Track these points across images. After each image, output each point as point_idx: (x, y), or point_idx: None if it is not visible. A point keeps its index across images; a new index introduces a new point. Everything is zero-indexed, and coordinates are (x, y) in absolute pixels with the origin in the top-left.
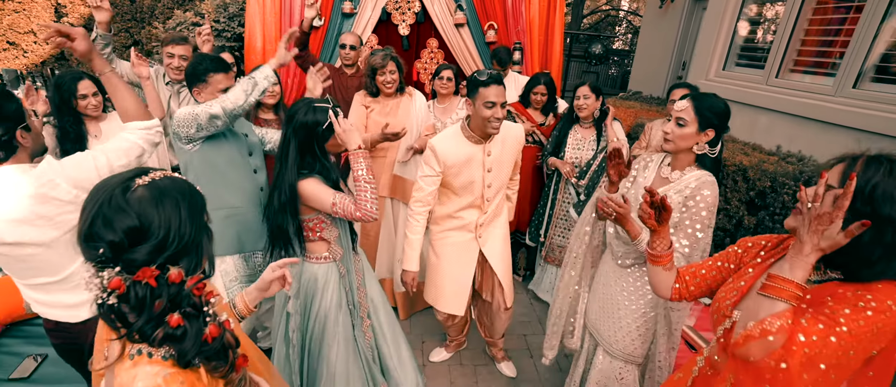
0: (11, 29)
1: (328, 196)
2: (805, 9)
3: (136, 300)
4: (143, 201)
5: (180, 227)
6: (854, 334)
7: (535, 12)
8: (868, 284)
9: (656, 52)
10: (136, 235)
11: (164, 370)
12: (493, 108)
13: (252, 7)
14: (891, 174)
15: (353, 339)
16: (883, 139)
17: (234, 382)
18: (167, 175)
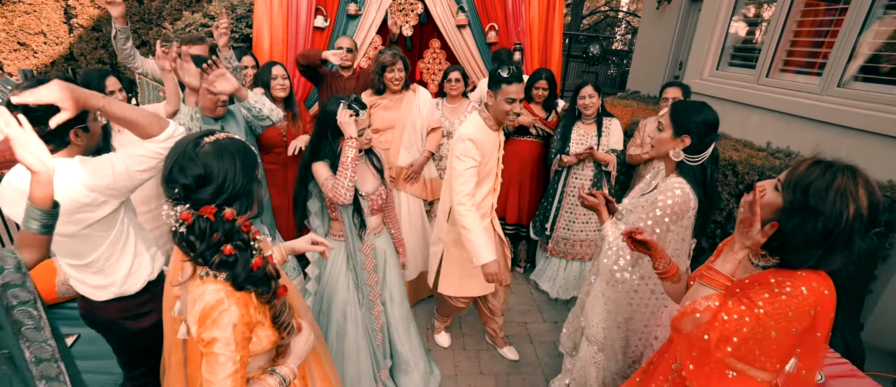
0: (22, 30)
1: (325, 176)
2: (793, 11)
3: (199, 230)
4: (208, 155)
5: (235, 176)
6: (770, 315)
7: (534, 13)
8: (793, 272)
9: (654, 52)
10: (202, 181)
11: (225, 288)
12: (513, 103)
13: (260, 9)
14: (823, 175)
15: (359, 315)
16: (865, 135)
17: (276, 308)
18: (228, 136)
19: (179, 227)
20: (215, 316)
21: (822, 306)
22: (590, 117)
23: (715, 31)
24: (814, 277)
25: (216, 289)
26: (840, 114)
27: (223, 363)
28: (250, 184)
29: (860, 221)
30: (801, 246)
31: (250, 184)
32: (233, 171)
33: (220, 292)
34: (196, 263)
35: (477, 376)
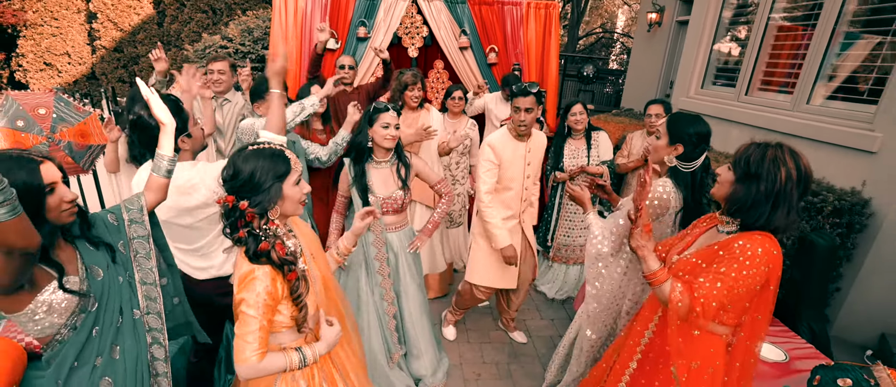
0: (49, 51)
1: None
2: (768, 35)
3: (224, 211)
4: (240, 157)
5: (253, 176)
6: (737, 279)
7: (531, 36)
8: (751, 235)
9: (646, 71)
10: (232, 176)
11: None
12: (519, 112)
13: (275, 31)
14: (758, 150)
15: (372, 302)
16: (831, 147)
17: (291, 283)
18: (268, 146)
19: (222, 208)
20: (247, 282)
21: (774, 262)
22: (579, 133)
23: (699, 54)
24: (766, 239)
25: (246, 260)
26: (809, 128)
27: (249, 322)
28: (267, 185)
29: (791, 182)
30: (752, 206)
31: (267, 185)
32: (255, 171)
33: (248, 263)
34: (224, 234)
35: (480, 365)
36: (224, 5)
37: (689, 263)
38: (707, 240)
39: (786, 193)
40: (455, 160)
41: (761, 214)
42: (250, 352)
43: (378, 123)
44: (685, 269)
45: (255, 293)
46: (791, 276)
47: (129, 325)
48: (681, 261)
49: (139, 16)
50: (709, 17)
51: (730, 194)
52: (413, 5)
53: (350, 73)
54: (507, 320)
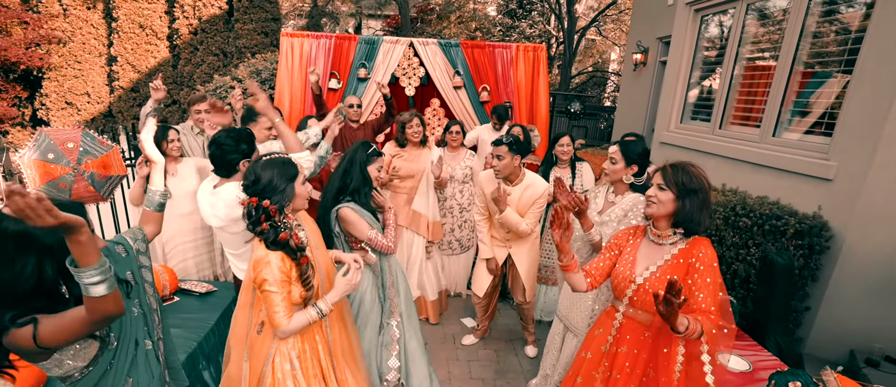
0: (70, 91)
1: (366, 229)
2: (736, 74)
3: (248, 211)
4: (259, 166)
5: (272, 179)
6: (714, 281)
7: (521, 76)
8: (700, 240)
9: (633, 107)
10: (254, 181)
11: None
12: (493, 159)
13: (282, 73)
14: (684, 170)
15: (379, 327)
16: (795, 175)
17: (302, 268)
18: (279, 155)
19: (245, 208)
20: (263, 265)
21: (715, 256)
22: (565, 162)
23: (676, 92)
24: (706, 241)
25: (262, 247)
26: (775, 158)
27: (274, 297)
28: (284, 184)
29: (709, 187)
30: (696, 214)
31: (284, 184)
32: (273, 177)
33: (264, 250)
34: (249, 230)
35: (468, 380)
36: (235, 49)
37: (664, 280)
38: (653, 253)
39: (709, 197)
40: (459, 189)
41: (702, 220)
42: (281, 318)
43: (374, 165)
44: (663, 286)
45: (273, 272)
46: (757, 294)
47: (142, 356)
48: (652, 280)
49: (156, 59)
50: (684, 59)
51: (676, 211)
52: (410, 48)
53: (357, 111)
54: (527, 335)
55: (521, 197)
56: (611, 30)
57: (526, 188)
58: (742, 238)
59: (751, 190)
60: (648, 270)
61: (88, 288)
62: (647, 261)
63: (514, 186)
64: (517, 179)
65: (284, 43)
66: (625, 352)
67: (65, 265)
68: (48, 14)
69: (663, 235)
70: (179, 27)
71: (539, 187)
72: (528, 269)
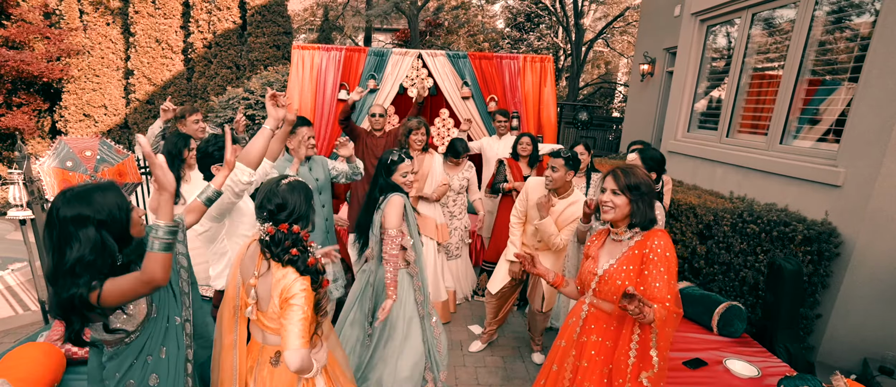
0: (88, 104)
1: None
2: (743, 83)
3: (277, 239)
4: (285, 191)
5: (300, 205)
6: (669, 270)
7: (529, 87)
8: (655, 233)
9: (641, 117)
10: (281, 208)
11: (294, 273)
12: (548, 169)
13: (293, 84)
14: (634, 173)
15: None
16: (802, 182)
17: (320, 294)
18: (296, 179)
19: (264, 236)
20: (293, 285)
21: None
22: (580, 171)
23: (683, 101)
24: (661, 233)
25: (292, 271)
26: (783, 166)
27: (296, 311)
28: (309, 210)
29: (651, 181)
30: (647, 211)
31: (309, 210)
32: (299, 201)
33: (294, 274)
34: (273, 260)
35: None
36: (247, 62)
37: (621, 270)
38: (614, 249)
39: (653, 193)
40: (453, 198)
41: (653, 215)
42: (301, 340)
43: (399, 172)
44: (620, 276)
45: (301, 292)
46: (765, 300)
47: (173, 330)
48: (611, 271)
49: (171, 72)
50: (690, 69)
51: (632, 212)
52: (418, 59)
53: (380, 121)
54: (533, 342)
55: (564, 212)
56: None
57: (570, 204)
58: (750, 245)
59: (759, 197)
60: (608, 263)
61: (154, 242)
62: (609, 256)
63: (560, 199)
64: (565, 193)
65: (296, 55)
66: (593, 341)
67: (120, 237)
68: (69, 28)
69: (620, 232)
70: (194, 41)
71: (581, 207)
72: (545, 283)
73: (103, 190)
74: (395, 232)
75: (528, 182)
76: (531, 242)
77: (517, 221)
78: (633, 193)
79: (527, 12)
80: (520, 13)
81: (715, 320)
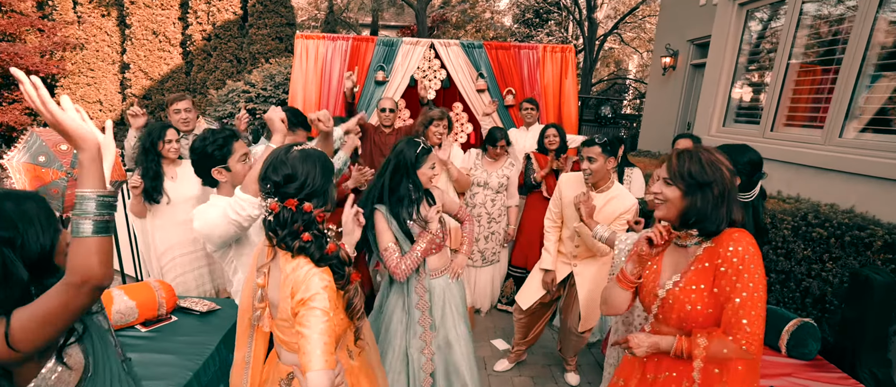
0: (82, 99)
1: (389, 244)
2: (790, 72)
3: (283, 219)
4: (296, 159)
5: (315, 177)
6: (758, 286)
7: (548, 79)
8: (729, 235)
9: (662, 113)
10: (289, 179)
11: (310, 264)
12: (581, 160)
13: (296, 76)
14: (692, 159)
15: (405, 351)
16: (868, 179)
17: (350, 292)
18: (312, 147)
19: (268, 215)
20: (309, 280)
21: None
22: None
23: (718, 93)
24: (744, 234)
25: (306, 261)
26: (844, 161)
27: (318, 317)
28: (327, 185)
29: (733, 175)
30: (712, 210)
31: (327, 185)
32: (314, 172)
33: (310, 265)
34: (279, 247)
35: None
36: (249, 55)
37: (689, 291)
38: (678, 259)
39: (733, 188)
40: (491, 198)
41: (721, 216)
42: (326, 357)
43: (426, 164)
44: (689, 298)
45: (321, 288)
46: (844, 316)
47: (116, 376)
48: (676, 293)
49: (168, 66)
50: (726, 59)
51: (685, 209)
52: (430, 50)
53: (390, 116)
54: (565, 362)
55: (604, 208)
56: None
57: (611, 199)
58: (815, 251)
59: (814, 196)
60: (672, 279)
61: (81, 222)
62: (672, 269)
63: (598, 193)
64: (604, 185)
65: (299, 45)
66: (664, 380)
67: (38, 265)
68: (63, 21)
69: (683, 237)
70: (193, 33)
71: (625, 201)
72: (589, 294)
73: (18, 199)
74: (392, 247)
75: (562, 179)
76: (569, 247)
77: (552, 225)
78: (688, 183)
79: (535, 8)
80: (528, 9)
81: (784, 340)
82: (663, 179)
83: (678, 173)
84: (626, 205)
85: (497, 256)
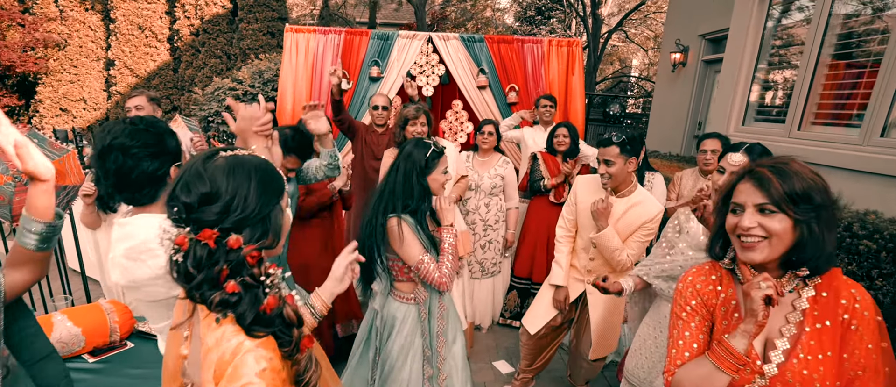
0: (65, 97)
1: (418, 253)
2: (820, 67)
3: (196, 259)
4: (218, 170)
5: (248, 196)
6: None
7: (554, 75)
8: (837, 278)
9: (671, 112)
10: (206, 199)
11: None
12: (599, 163)
13: (285, 72)
14: (801, 175)
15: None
16: None
17: (300, 364)
18: (250, 153)
19: (175, 253)
20: (237, 362)
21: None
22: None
23: (737, 91)
24: (842, 276)
25: (235, 330)
26: (886, 163)
27: None
28: (268, 208)
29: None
30: (829, 242)
31: (268, 208)
32: (245, 189)
33: (241, 334)
34: (192, 299)
35: None
36: (239, 50)
37: (812, 364)
38: (773, 314)
39: (836, 208)
40: (484, 202)
41: (832, 248)
42: None
43: (437, 169)
44: (816, 373)
45: (258, 377)
46: None
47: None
48: (795, 367)
49: (155, 62)
50: (747, 54)
51: (795, 245)
52: (428, 44)
53: (383, 114)
54: None
55: (625, 215)
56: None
57: (633, 205)
58: (861, 266)
59: (847, 202)
60: (781, 349)
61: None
62: (767, 329)
63: (618, 199)
64: (625, 188)
65: (288, 39)
66: None
67: None
68: (44, 16)
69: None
70: (180, 28)
71: (650, 208)
72: (602, 317)
73: None
74: (427, 259)
75: (577, 181)
76: (583, 261)
77: (565, 234)
78: (802, 208)
79: (538, 5)
80: (530, 6)
81: None
82: (757, 207)
83: (788, 196)
84: (650, 212)
85: (498, 266)
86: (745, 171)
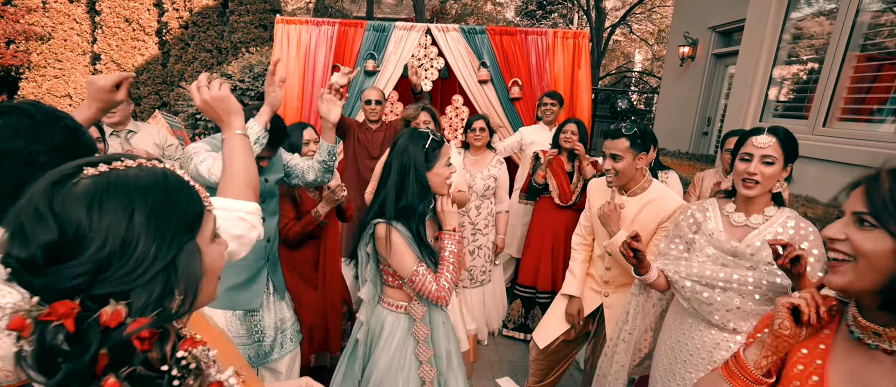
0: (49, 93)
1: (411, 263)
2: (848, 58)
3: (46, 350)
4: (75, 201)
5: (130, 240)
6: None
7: (559, 68)
8: None
9: (679, 108)
10: (57, 251)
11: None
12: (605, 158)
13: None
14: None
15: None
16: None
17: None
18: (138, 164)
19: (17, 340)
20: None
21: None
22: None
23: (754, 86)
24: None
25: None
26: None
27: None
28: (170, 253)
29: None
30: None
31: (170, 253)
32: (124, 228)
33: None
34: None
35: None
36: (230, 44)
37: None
38: (866, 374)
39: None
40: (476, 204)
41: None
42: None
43: (440, 162)
44: None
45: None
46: None
47: None
48: None
49: (143, 56)
50: (765, 47)
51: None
52: (427, 36)
53: (376, 109)
54: None
55: (640, 215)
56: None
57: (647, 203)
58: None
59: None
60: None
61: None
62: None
63: (629, 198)
64: (637, 187)
65: (279, 30)
66: None
67: None
68: (26, 7)
69: (890, 333)
70: (169, 21)
71: (667, 204)
72: (611, 333)
73: None
74: (422, 269)
75: (592, 185)
76: (599, 270)
77: (580, 242)
78: None
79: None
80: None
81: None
82: (855, 215)
83: (886, 202)
84: (667, 209)
85: (487, 274)
86: (861, 181)
